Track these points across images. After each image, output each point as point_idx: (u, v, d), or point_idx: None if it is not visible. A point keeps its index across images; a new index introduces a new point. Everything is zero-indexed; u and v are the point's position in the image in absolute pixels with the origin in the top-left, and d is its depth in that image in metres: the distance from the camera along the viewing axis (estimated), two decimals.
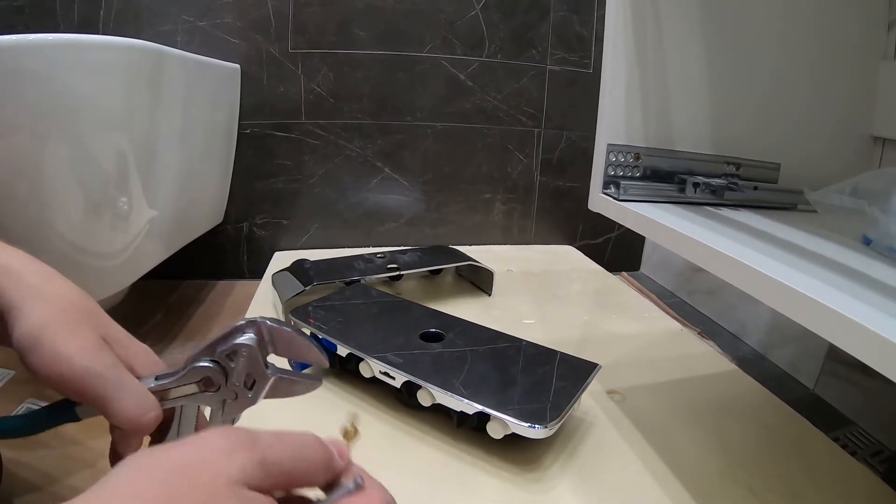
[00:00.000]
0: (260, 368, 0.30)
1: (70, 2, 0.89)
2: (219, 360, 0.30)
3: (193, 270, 1.05)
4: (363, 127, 1.05)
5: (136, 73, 0.59)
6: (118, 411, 0.27)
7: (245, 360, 0.30)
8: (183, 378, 0.30)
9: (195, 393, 0.30)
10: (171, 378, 0.30)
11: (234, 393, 0.31)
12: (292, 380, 0.31)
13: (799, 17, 0.60)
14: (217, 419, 0.31)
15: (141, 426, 0.28)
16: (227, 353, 0.30)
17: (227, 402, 0.31)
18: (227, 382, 0.30)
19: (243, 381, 0.30)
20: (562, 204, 1.18)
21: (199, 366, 0.30)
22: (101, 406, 0.27)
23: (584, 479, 0.47)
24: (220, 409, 0.31)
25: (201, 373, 0.30)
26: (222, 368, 0.30)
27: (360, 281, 0.78)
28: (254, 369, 0.30)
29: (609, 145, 0.57)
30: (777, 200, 0.60)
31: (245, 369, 0.30)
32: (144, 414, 0.28)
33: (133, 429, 0.28)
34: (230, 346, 0.30)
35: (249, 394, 0.31)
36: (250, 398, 0.31)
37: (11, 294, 0.27)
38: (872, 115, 0.64)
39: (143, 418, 0.28)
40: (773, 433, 0.56)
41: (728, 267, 0.39)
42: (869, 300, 0.32)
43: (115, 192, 0.60)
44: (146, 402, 0.28)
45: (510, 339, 0.60)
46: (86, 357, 0.27)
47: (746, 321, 0.90)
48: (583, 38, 1.08)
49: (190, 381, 0.30)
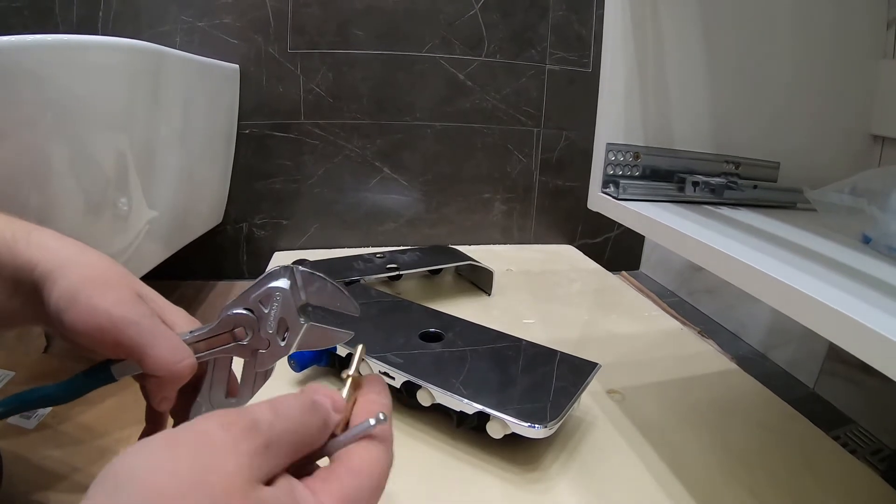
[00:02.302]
0: (293, 315, 0.30)
1: (69, 2, 0.89)
2: (251, 307, 0.30)
3: (193, 271, 1.05)
4: (362, 127, 1.05)
5: (135, 74, 0.59)
6: (154, 358, 0.28)
7: (278, 305, 0.30)
8: (216, 328, 0.30)
9: (228, 345, 0.31)
10: (205, 330, 0.31)
11: (267, 341, 0.31)
12: (324, 329, 0.31)
13: (798, 16, 0.60)
14: (250, 371, 0.31)
15: (176, 373, 0.29)
16: (259, 298, 0.30)
17: (259, 353, 0.31)
18: (259, 329, 0.30)
19: (276, 327, 0.30)
20: (561, 203, 1.18)
21: (233, 313, 0.30)
22: (137, 355, 0.28)
23: (584, 479, 0.47)
24: (252, 361, 0.31)
25: (234, 320, 0.30)
26: (255, 316, 0.30)
27: (359, 281, 0.78)
28: (287, 315, 0.30)
29: (608, 144, 0.57)
30: (776, 199, 0.60)
31: (278, 314, 0.30)
32: (180, 361, 0.29)
33: (168, 376, 0.29)
34: (263, 291, 0.30)
35: (282, 342, 0.31)
36: (283, 346, 0.31)
37: (46, 265, 0.29)
38: (872, 114, 0.64)
39: (178, 365, 0.29)
40: (773, 432, 0.56)
41: (728, 266, 0.39)
42: (868, 299, 0.32)
43: (115, 193, 0.60)
44: (181, 349, 0.29)
45: (510, 339, 0.60)
46: (122, 308, 0.28)
47: (746, 320, 0.90)
48: (582, 37, 1.08)
49: (223, 330, 0.30)
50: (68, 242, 0.31)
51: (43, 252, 0.29)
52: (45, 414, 0.54)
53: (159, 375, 0.29)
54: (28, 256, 0.29)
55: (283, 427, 0.22)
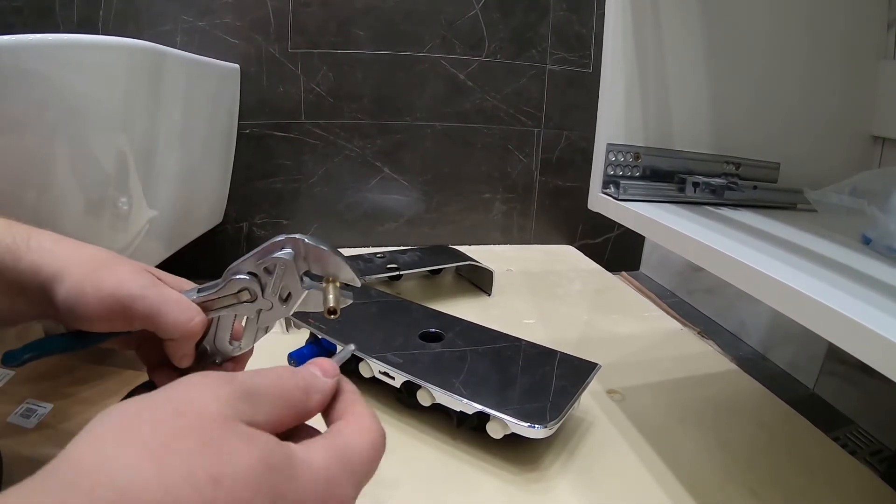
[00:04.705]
0: (296, 283, 0.32)
1: (70, 2, 0.89)
2: (256, 272, 0.31)
3: (193, 270, 1.04)
4: (363, 127, 1.05)
5: (135, 74, 0.59)
6: (166, 323, 0.30)
7: (282, 275, 0.31)
8: (222, 290, 0.32)
9: (233, 304, 0.32)
10: (211, 290, 0.32)
11: (270, 303, 0.32)
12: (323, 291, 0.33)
13: (799, 17, 0.60)
14: (252, 326, 0.33)
15: (189, 332, 0.31)
16: (264, 266, 0.31)
17: (262, 312, 0.33)
18: (263, 294, 0.32)
19: (279, 293, 0.32)
20: (561, 203, 1.18)
21: (238, 278, 0.32)
22: (151, 324, 0.30)
23: (584, 479, 0.47)
24: (255, 318, 0.33)
25: (239, 284, 0.32)
26: (259, 281, 0.32)
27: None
28: (290, 283, 0.32)
29: (609, 145, 0.57)
30: (777, 200, 0.60)
31: (281, 283, 0.32)
32: (190, 320, 0.31)
33: (182, 336, 0.31)
34: (268, 260, 0.31)
35: (284, 305, 0.32)
36: (285, 309, 0.32)
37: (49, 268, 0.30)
38: (872, 115, 0.64)
39: (190, 324, 0.31)
40: (773, 432, 0.56)
41: (728, 266, 0.39)
42: (868, 299, 0.32)
43: (115, 192, 0.60)
44: (189, 309, 0.31)
45: (510, 339, 0.60)
46: (126, 286, 0.30)
47: (746, 320, 0.90)
48: (582, 37, 1.08)
49: (228, 292, 0.32)
50: (66, 243, 0.32)
51: (44, 255, 0.31)
52: (45, 413, 0.54)
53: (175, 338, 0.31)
54: (30, 260, 0.31)
55: (262, 382, 0.23)
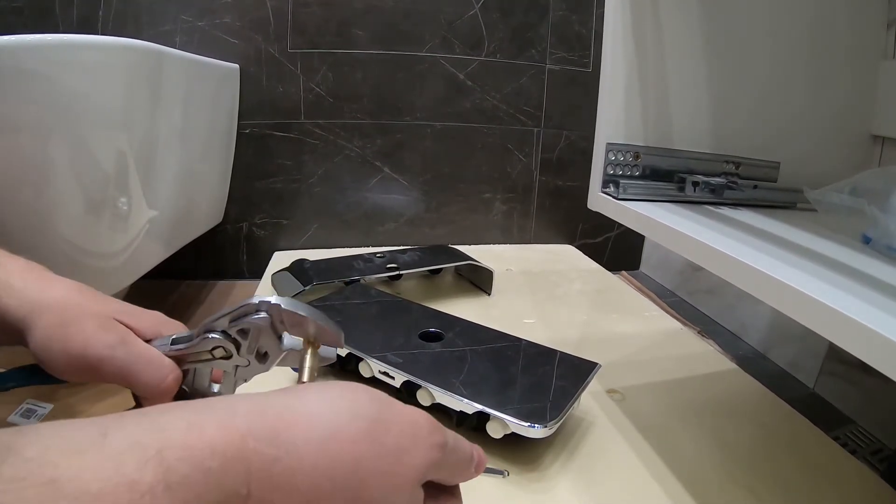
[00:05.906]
0: (273, 344, 0.31)
1: (69, 2, 0.89)
2: (230, 332, 0.31)
3: (193, 270, 1.05)
4: (363, 127, 1.05)
5: (135, 74, 0.59)
6: (139, 384, 0.30)
7: (257, 337, 0.31)
8: (196, 346, 0.31)
9: (208, 360, 0.32)
10: (185, 344, 0.32)
11: (247, 360, 0.32)
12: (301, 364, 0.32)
13: (799, 17, 0.60)
14: (230, 379, 0.32)
15: (161, 392, 0.30)
16: (239, 328, 0.31)
17: (239, 367, 0.32)
18: (238, 353, 0.31)
19: (255, 353, 0.31)
20: (561, 203, 1.18)
21: (212, 337, 0.31)
22: (123, 383, 0.30)
23: (584, 479, 0.47)
24: (233, 372, 0.32)
25: (213, 343, 0.31)
26: (234, 341, 0.31)
27: (359, 281, 0.78)
28: (266, 343, 0.31)
29: (608, 144, 0.56)
30: (777, 199, 0.60)
31: (257, 344, 0.31)
32: (163, 380, 0.30)
33: (157, 396, 0.30)
34: (243, 322, 0.30)
35: (262, 364, 0.32)
36: (262, 367, 0.32)
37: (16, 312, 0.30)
38: (872, 114, 0.64)
39: (163, 385, 0.30)
40: (773, 432, 0.56)
41: (728, 266, 0.39)
42: (868, 299, 0.32)
43: (115, 192, 0.60)
44: (161, 368, 0.30)
45: (510, 339, 0.60)
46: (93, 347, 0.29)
47: (746, 320, 0.90)
48: (582, 37, 1.08)
49: (203, 349, 0.31)
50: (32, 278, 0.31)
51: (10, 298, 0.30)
52: (45, 414, 0.54)
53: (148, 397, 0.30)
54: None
55: (455, 445, 0.26)
